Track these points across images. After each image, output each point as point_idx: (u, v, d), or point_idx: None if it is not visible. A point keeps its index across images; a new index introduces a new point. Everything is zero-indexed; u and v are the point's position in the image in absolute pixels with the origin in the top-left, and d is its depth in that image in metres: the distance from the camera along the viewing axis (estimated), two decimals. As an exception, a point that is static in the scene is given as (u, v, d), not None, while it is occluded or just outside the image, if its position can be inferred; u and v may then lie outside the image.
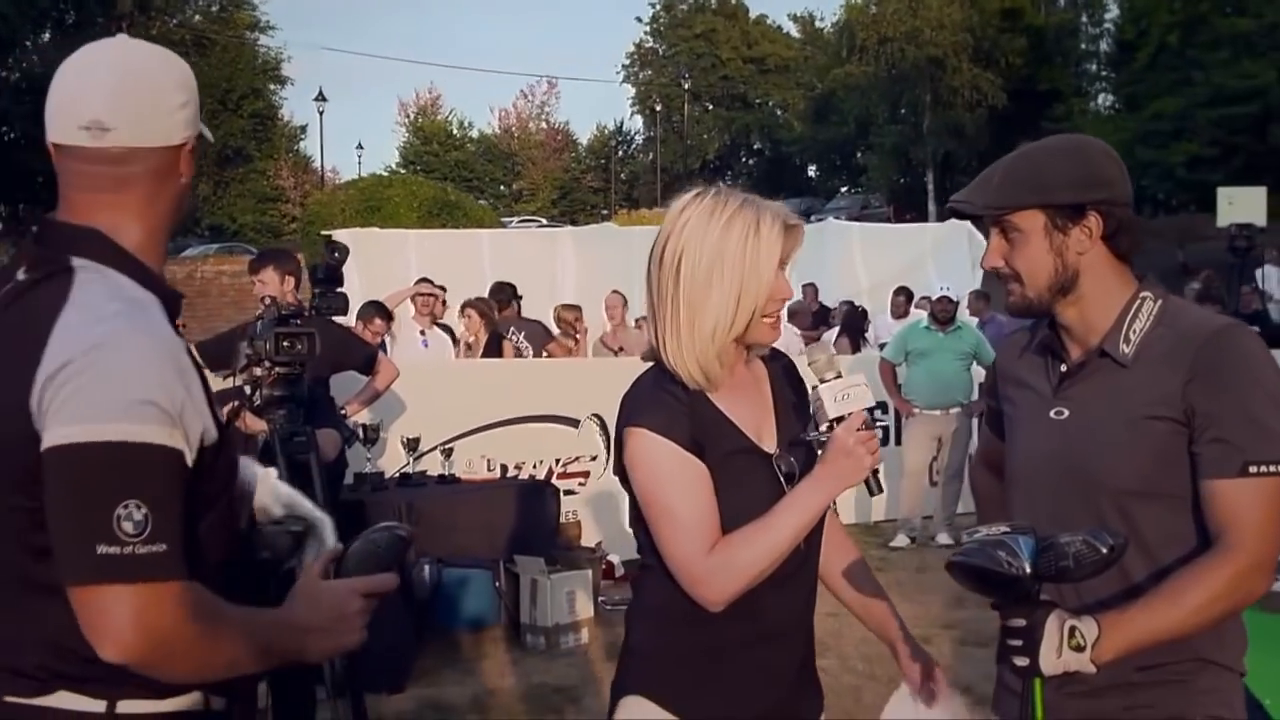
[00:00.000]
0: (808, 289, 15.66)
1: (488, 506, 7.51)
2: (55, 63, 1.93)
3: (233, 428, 2.39)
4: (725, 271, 2.20)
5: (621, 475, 2.29)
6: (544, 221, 44.12)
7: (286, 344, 4.20)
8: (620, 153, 69.03)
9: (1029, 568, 1.94)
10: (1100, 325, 2.23)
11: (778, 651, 2.31)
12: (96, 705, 1.76)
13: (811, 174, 67.89)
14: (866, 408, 2.23)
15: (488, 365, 9.52)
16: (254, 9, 51.56)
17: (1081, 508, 2.17)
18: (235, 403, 4.28)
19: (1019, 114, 44.36)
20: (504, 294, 11.13)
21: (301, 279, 6.43)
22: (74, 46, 1.93)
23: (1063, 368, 2.28)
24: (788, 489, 2.25)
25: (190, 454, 1.74)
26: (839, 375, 2.25)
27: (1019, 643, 1.98)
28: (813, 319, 14.90)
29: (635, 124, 70.64)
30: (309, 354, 4.25)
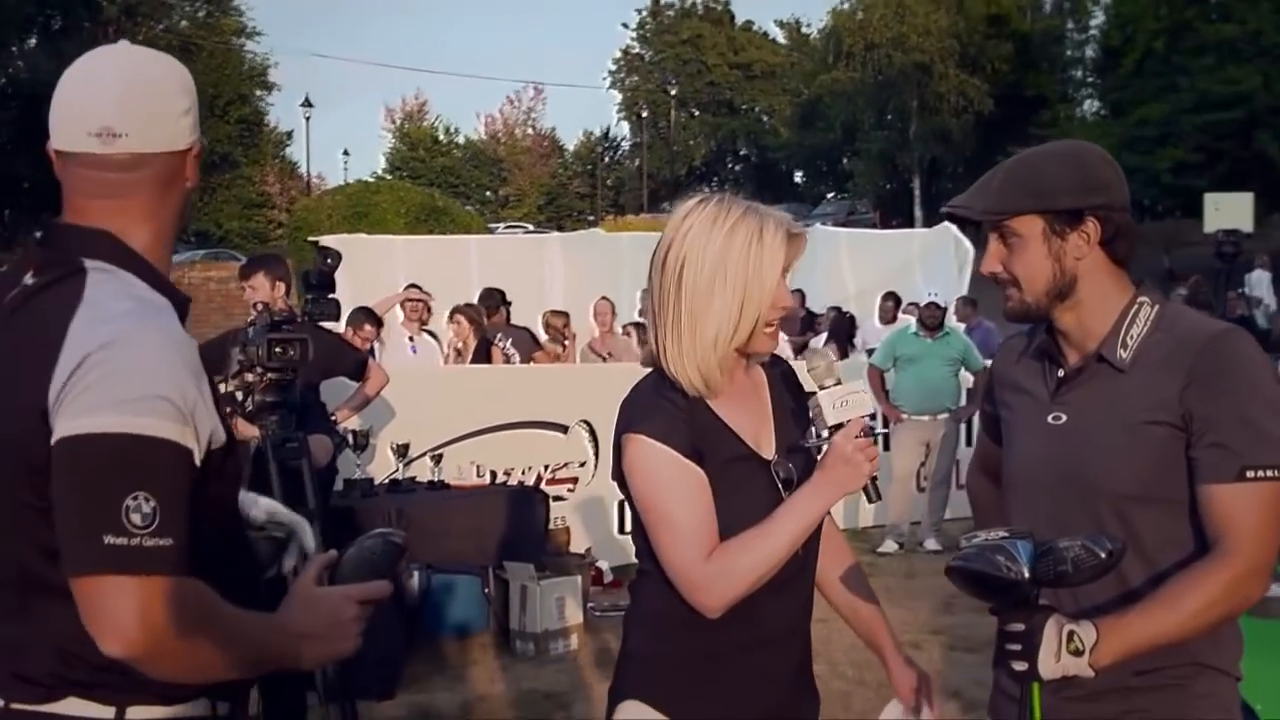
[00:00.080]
0: (795, 295, 15.65)
1: (477, 512, 7.51)
2: (41, 69, 1.93)
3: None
4: (728, 279, 2.20)
5: (620, 481, 2.29)
6: (531, 227, 44.14)
7: (279, 349, 4.20)
8: (607, 159, 68.98)
9: (1027, 572, 1.94)
10: (1098, 330, 2.23)
11: (775, 656, 2.31)
12: (106, 712, 1.75)
13: (798, 180, 67.91)
14: (865, 415, 2.23)
15: (477, 371, 9.53)
16: (241, 15, 51.48)
17: (1080, 513, 2.17)
18: (227, 409, 4.26)
19: (1005, 120, 44.38)
20: (493, 300, 11.13)
21: (292, 284, 6.42)
22: (60, 52, 1.92)
23: (1060, 373, 2.28)
24: (786, 496, 2.25)
25: (199, 454, 1.73)
26: (838, 382, 2.24)
27: (1017, 647, 1.98)
28: (800, 325, 14.91)
29: (622, 130, 70.87)
30: (302, 359, 4.24)
